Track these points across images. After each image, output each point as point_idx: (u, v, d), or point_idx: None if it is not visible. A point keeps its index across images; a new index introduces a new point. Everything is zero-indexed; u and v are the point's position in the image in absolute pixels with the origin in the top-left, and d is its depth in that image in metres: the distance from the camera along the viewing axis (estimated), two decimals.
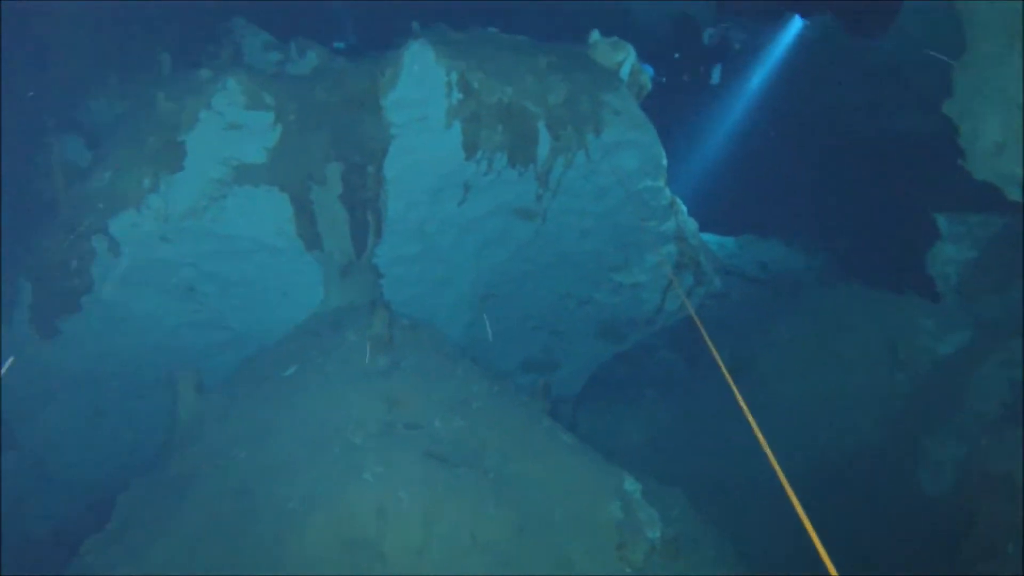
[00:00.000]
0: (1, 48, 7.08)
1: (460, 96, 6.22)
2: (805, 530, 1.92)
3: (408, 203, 6.67)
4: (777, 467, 2.23)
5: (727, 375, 3.22)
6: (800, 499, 2.04)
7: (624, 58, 8.04)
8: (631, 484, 5.59)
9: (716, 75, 13.84)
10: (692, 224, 8.62)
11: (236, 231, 6.46)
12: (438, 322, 7.98)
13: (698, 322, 4.51)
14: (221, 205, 6.37)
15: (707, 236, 11.45)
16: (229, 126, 6.22)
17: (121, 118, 7.03)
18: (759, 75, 14.75)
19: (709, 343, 3.59)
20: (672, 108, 11.16)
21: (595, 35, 8.21)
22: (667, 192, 7.64)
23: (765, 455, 2.30)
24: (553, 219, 7.41)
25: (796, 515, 2.00)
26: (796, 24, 11.99)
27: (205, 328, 7.57)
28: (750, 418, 2.59)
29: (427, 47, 6.11)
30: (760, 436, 2.46)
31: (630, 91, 7.28)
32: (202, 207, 6.35)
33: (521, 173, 6.68)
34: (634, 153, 6.84)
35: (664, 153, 7.06)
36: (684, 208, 8.35)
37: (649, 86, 8.43)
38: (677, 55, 12.81)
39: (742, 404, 2.73)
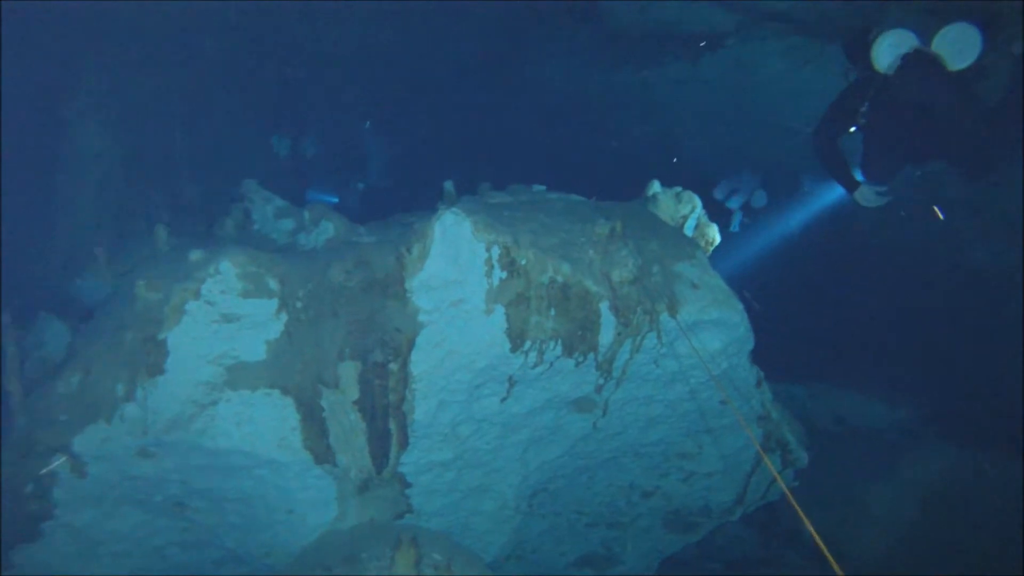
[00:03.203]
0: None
1: (504, 275, 5.07)
2: None
3: (440, 403, 5.43)
4: None
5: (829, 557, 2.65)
6: None
7: (690, 211, 6.96)
8: None
9: (735, 224, 13.11)
10: (769, 394, 7.27)
11: (230, 445, 5.23)
12: (477, 533, 6.58)
13: (799, 510, 3.39)
14: (211, 413, 5.17)
15: (776, 386, 10.12)
16: (223, 318, 5.11)
17: (103, 304, 6.00)
18: (806, 217, 13.94)
19: (813, 533, 2.84)
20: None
21: (655, 186, 7.16)
22: (754, 371, 6.34)
23: None
24: (615, 410, 6.10)
25: None
26: None
27: (198, 548, 6.26)
28: None
29: (462, 218, 5.02)
30: None
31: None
32: (188, 416, 5.16)
33: (579, 363, 5.43)
34: (716, 333, 5.59)
35: (751, 330, 5.79)
36: (763, 379, 7.03)
37: (718, 240, 7.30)
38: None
39: None
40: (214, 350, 5.14)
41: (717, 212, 11.76)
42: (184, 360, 5.11)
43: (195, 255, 5.14)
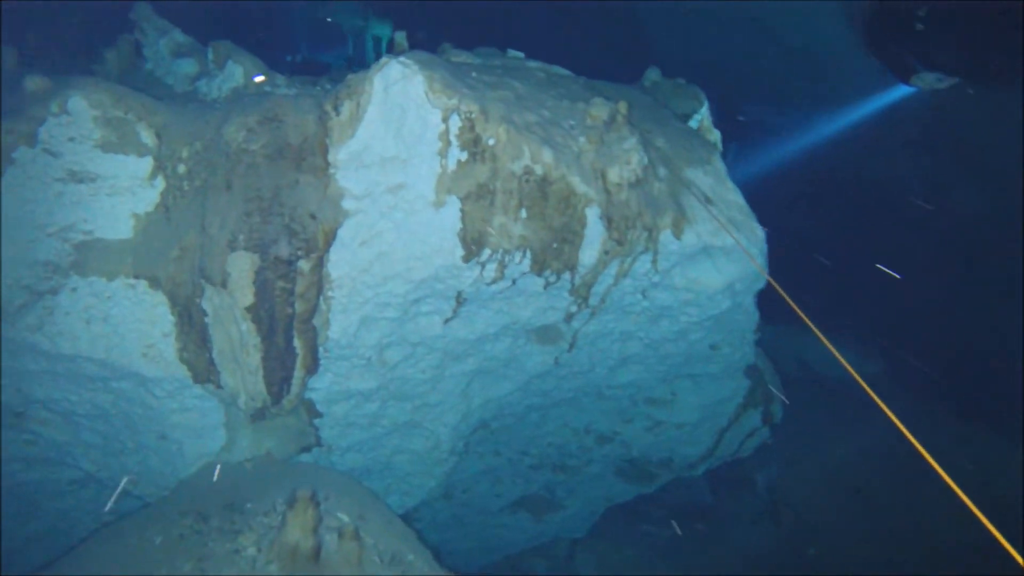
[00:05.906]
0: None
1: (463, 157, 3.73)
2: None
3: (364, 318, 4.14)
4: None
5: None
6: None
7: (693, 110, 5.67)
8: None
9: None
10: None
11: (75, 349, 3.88)
12: (401, 475, 5.44)
13: None
14: (49, 306, 3.80)
15: None
16: (70, 176, 3.68)
17: None
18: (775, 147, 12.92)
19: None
20: None
21: (654, 73, 5.84)
22: (756, 315, 5.21)
23: None
24: (584, 344, 4.92)
25: None
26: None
27: (45, 465, 4.98)
28: None
29: (413, 72, 3.63)
30: None
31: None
32: (16, 307, 3.78)
33: (550, 283, 4.18)
34: (725, 263, 4.38)
35: (767, 264, 4.61)
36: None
37: (720, 148, 6.06)
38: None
39: None
40: (56, 219, 3.74)
41: None
42: (11, 228, 3.70)
43: (33, 82, 3.66)
